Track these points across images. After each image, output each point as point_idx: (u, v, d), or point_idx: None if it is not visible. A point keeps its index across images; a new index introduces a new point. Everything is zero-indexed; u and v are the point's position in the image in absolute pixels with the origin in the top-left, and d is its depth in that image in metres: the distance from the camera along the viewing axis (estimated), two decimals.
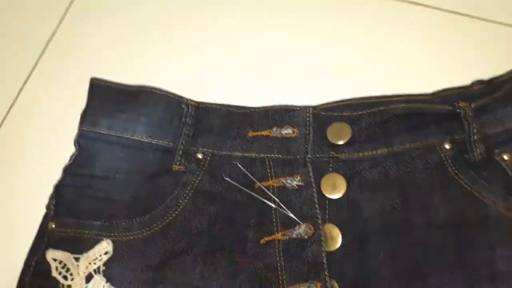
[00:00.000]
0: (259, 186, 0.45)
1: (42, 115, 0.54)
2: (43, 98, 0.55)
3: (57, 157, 0.48)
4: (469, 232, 0.41)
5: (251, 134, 0.47)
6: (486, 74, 0.48)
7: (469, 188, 0.42)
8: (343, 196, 0.44)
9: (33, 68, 0.57)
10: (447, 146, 0.44)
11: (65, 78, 0.56)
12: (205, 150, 0.47)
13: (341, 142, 0.46)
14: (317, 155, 0.46)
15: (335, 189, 0.44)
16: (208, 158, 0.47)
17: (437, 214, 0.42)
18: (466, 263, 0.40)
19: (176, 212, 0.44)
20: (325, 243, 0.42)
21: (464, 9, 0.55)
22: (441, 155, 0.44)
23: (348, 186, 0.44)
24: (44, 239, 0.44)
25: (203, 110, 0.49)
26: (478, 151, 0.43)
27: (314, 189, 0.44)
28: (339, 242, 0.42)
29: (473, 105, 0.44)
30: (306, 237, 0.42)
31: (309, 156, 0.45)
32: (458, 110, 0.44)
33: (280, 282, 0.41)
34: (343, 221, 0.43)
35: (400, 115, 0.46)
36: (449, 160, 0.43)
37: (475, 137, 0.43)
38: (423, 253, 0.41)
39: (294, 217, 0.42)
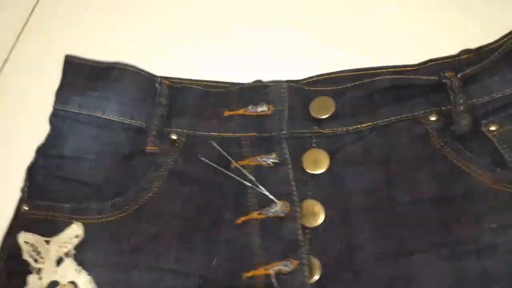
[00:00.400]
0: (235, 165, 0.43)
1: (22, 94, 0.53)
2: (22, 78, 0.54)
3: (37, 137, 0.46)
4: (455, 207, 0.39)
5: (226, 113, 0.46)
6: (475, 42, 0.46)
7: (455, 161, 0.40)
8: (326, 171, 0.42)
9: (12, 47, 0.56)
10: (432, 118, 0.42)
11: (45, 56, 0.54)
12: (180, 130, 0.45)
13: (324, 117, 0.44)
14: (300, 131, 0.44)
15: (317, 164, 0.43)
16: (183, 139, 0.45)
17: (423, 189, 0.40)
18: (452, 238, 0.38)
19: (150, 194, 0.42)
20: (306, 219, 0.40)
21: None
22: (427, 127, 0.42)
23: (331, 161, 0.42)
24: (17, 222, 0.43)
25: (177, 90, 0.47)
26: (465, 122, 0.41)
27: (290, 166, 0.42)
28: (321, 218, 0.40)
29: (459, 75, 0.42)
30: (282, 215, 0.40)
31: (284, 132, 0.44)
32: (444, 81, 0.42)
33: (257, 261, 0.39)
34: (327, 196, 0.41)
35: (385, 87, 0.44)
36: (434, 133, 0.41)
37: (461, 107, 0.41)
38: (409, 229, 0.39)
39: (270, 196, 0.41)
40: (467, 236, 0.38)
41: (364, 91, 0.44)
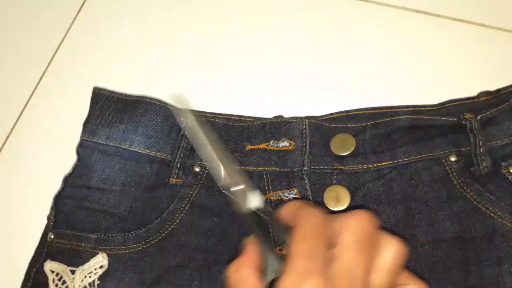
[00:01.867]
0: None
1: (49, 125, 0.54)
2: (51, 108, 0.55)
3: (63, 166, 0.48)
4: (476, 248, 0.39)
5: (248, 147, 0.47)
6: (494, 85, 0.47)
7: (475, 202, 0.40)
8: (347, 209, 0.43)
9: (41, 76, 0.57)
10: (452, 159, 0.42)
11: (73, 87, 0.56)
12: (203, 163, 0.46)
13: (345, 154, 0.45)
14: (321, 167, 0.45)
15: (338, 201, 0.43)
16: (206, 171, 0.46)
17: (443, 230, 0.40)
18: (473, 280, 0.38)
19: (172, 226, 0.43)
20: None
21: (473, 17, 0.53)
22: (447, 167, 0.42)
23: (351, 199, 0.43)
24: (44, 250, 0.44)
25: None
26: (484, 164, 0.41)
27: (311, 202, 0.43)
28: None
29: (479, 117, 0.43)
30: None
31: (305, 168, 0.45)
32: (464, 122, 0.43)
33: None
34: None
35: (405, 126, 0.45)
36: (454, 173, 0.42)
37: (481, 149, 0.42)
38: (429, 270, 0.39)
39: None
40: (488, 278, 0.38)
41: (384, 129, 0.45)
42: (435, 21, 0.54)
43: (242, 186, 0.39)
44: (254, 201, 0.40)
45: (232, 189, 0.39)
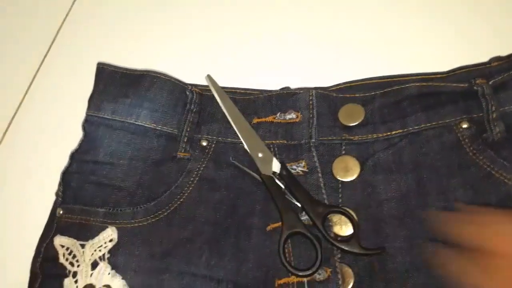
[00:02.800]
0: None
1: (55, 102, 0.54)
2: (56, 83, 0.55)
3: (70, 142, 0.47)
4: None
5: (255, 120, 0.46)
6: (506, 50, 0.45)
7: (488, 169, 0.40)
8: (357, 178, 0.42)
9: (46, 54, 0.57)
10: (464, 126, 0.42)
11: (77, 63, 0.56)
12: (210, 137, 0.46)
13: (353, 124, 0.44)
14: (329, 138, 0.44)
15: (347, 171, 0.43)
16: (213, 145, 0.45)
17: (456, 197, 0.40)
18: None
19: (181, 200, 0.43)
20: (338, 227, 0.40)
21: None
22: (458, 135, 0.42)
23: (361, 169, 0.42)
24: (53, 225, 0.44)
25: (207, 97, 0.48)
26: (497, 129, 0.41)
27: (320, 174, 0.42)
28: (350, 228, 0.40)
29: (491, 82, 0.42)
30: (311, 223, 0.40)
31: (313, 140, 0.44)
32: (475, 88, 0.42)
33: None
34: (358, 204, 0.41)
35: (415, 94, 0.44)
36: (466, 140, 0.41)
37: (494, 115, 0.41)
38: (443, 239, 0.39)
39: (299, 204, 0.41)
40: None
41: (393, 98, 0.44)
42: None
43: (265, 152, 0.42)
44: (276, 166, 0.40)
45: (260, 155, 0.42)
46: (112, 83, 0.49)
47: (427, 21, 0.52)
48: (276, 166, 0.43)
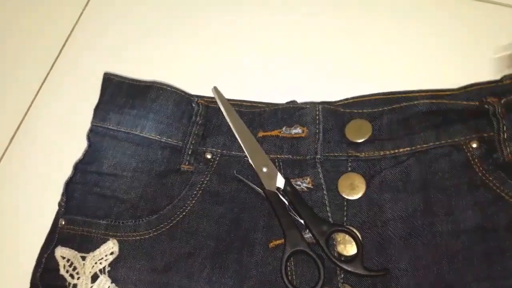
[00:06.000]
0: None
1: (61, 110, 0.54)
2: (62, 93, 0.55)
3: (75, 152, 0.47)
4: (498, 238, 0.37)
5: (261, 134, 0.45)
6: None
7: (498, 190, 0.39)
8: (362, 197, 0.41)
9: (53, 63, 0.57)
10: (474, 145, 0.41)
11: (84, 72, 0.56)
12: (214, 150, 0.45)
13: (360, 140, 0.44)
14: (335, 154, 0.43)
15: (353, 189, 0.42)
16: (217, 158, 0.45)
17: (464, 219, 0.39)
18: (495, 271, 0.37)
19: (184, 213, 0.43)
20: (342, 247, 0.39)
21: None
22: (468, 154, 0.41)
23: (367, 186, 0.42)
24: (55, 236, 0.44)
25: (213, 109, 0.47)
26: (509, 150, 0.39)
27: (325, 191, 0.42)
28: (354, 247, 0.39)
29: (502, 101, 0.41)
30: (314, 242, 0.39)
31: (318, 156, 0.43)
32: (486, 106, 0.41)
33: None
34: (363, 223, 0.40)
35: (424, 111, 0.43)
36: (476, 160, 0.40)
37: (505, 135, 0.40)
38: (448, 261, 0.38)
39: (302, 222, 0.40)
40: (510, 270, 0.36)
41: (401, 115, 0.44)
42: (456, 1, 0.52)
43: (270, 167, 0.42)
44: (280, 181, 0.40)
45: (264, 169, 0.42)
46: (119, 93, 0.48)
47: (438, 36, 0.51)
48: (280, 181, 0.42)
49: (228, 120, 0.46)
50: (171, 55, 0.55)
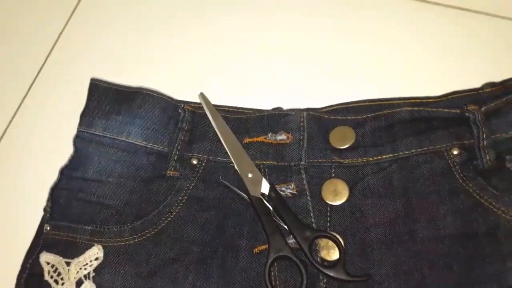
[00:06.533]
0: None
1: (48, 116, 0.54)
2: (49, 99, 0.55)
3: (61, 157, 0.47)
4: (478, 244, 0.38)
5: (246, 140, 0.46)
6: (499, 77, 0.45)
7: (478, 197, 0.39)
8: (345, 202, 0.42)
9: (41, 68, 0.57)
10: (455, 152, 0.41)
11: (71, 78, 0.56)
12: (200, 156, 0.45)
13: (344, 147, 0.44)
14: (319, 160, 0.44)
15: (336, 195, 0.42)
16: (203, 164, 0.45)
17: (444, 225, 0.39)
18: (475, 277, 0.37)
19: (169, 219, 0.43)
20: (324, 252, 0.40)
21: (477, 6, 0.52)
22: (449, 161, 0.41)
23: (350, 193, 0.42)
24: (40, 241, 0.44)
25: (199, 115, 0.47)
26: (488, 157, 0.40)
27: (309, 198, 0.42)
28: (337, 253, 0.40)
29: (483, 109, 0.42)
30: (298, 247, 0.40)
31: (303, 162, 0.44)
32: (467, 114, 0.42)
33: None
34: (345, 228, 0.41)
35: (406, 119, 0.44)
36: (457, 167, 0.41)
37: (485, 142, 0.41)
38: (429, 267, 0.38)
39: (286, 227, 0.41)
40: (490, 275, 0.37)
41: (384, 122, 0.44)
42: (437, 10, 0.53)
43: (255, 173, 0.43)
44: (265, 187, 0.40)
45: (249, 175, 0.42)
46: (105, 99, 0.48)
47: (420, 44, 0.51)
48: (265, 187, 0.43)
49: (214, 126, 0.46)
50: (158, 60, 0.55)
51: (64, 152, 0.47)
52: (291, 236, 0.41)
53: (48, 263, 0.42)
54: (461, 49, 0.50)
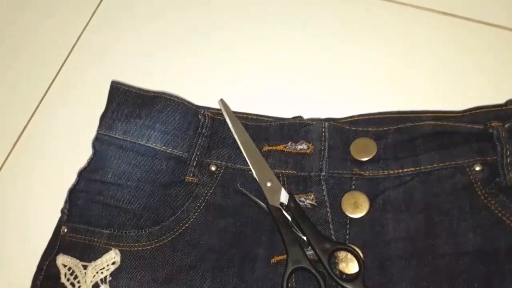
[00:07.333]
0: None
1: (66, 117, 0.54)
2: (68, 100, 0.55)
3: (79, 159, 0.47)
4: (498, 261, 0.38)
5: (266, 148, 0.46)
6: None
7: (499, 214, 0.39)
8: (365, 215, 0.42)
9: (60, 68, 0.57)
10: (477, 168, 0.41)
11: (90, 80, 0.56)
12: (219, 162, 0.45)
13: (365, 159, 0.44)
14: (339, 171, 0.44)
15: (357, 208, 0.42)
16: (222, 170, 0.45)
17: (465, 241, 0.39)
18: None
19: (186, 225, 0.43)
20: (343, 265, 0.40)
21: (503, 21, 0.51)
22: (471, 177, 0.41)
23: (371, 206, 0.42)
24: (57, 243, 0.44)
25: (219, 121, 0.47)
26: (511, 174, 0.40)
27: (328, 209, 0.42)
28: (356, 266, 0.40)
29: (506, 125, 0.41)
30: (316, 259, 0.40)
31: (323, 173, 0.43)
32: (490, 130, 0.41)
33: None
34: (365, 242, 0.41)
35: (429, 133, 0.43)
36: (479, 183, 0.40)
37: (508, 159, 0.40)
38: (449, 283, 0.38)
39: (305, 238, 0.40)
40: None
41: (407, 135, 0.44)
42: (462, 24, 0.53)
43: (274, 182, 0.43)
44: (284, 197, 0.40)
45: (268, 184, 0.42)
46: (126, 102, 0.48)
47: (444, 57, 0.51)
48: (284, 197, 0.43)
49: (233, 132, 0.46)
50: (178, 65, 0.55)
51: (83, 154, 0.47)
52: (309, 247, 0.40)
53: (65, 266, 0.42)
54: (485, 64, 0.50)
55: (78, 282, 0.41)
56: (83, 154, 0.48)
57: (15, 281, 0.45)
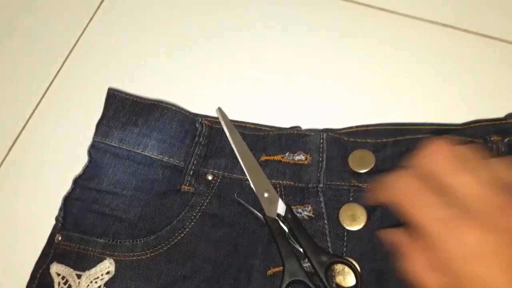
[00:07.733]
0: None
1: (62, 124, 0.53)
2: (63, 107, 0.55)
3: (74, 167, 0.47)
4: None
5: (263, 158, 0.45)
6: None
7: None
8: (363, 228, 0.41)
9: (56, 74, 0.57)
10: None
11: (86, 87, 0.55)
12: (216, 172, 0.45)
13: (363, 171, 0.44)
14: (337, 183, 0.43)
15: (354, 220, 0.42)
16: (218, 180, 0.45)
17: None
18: None
19: (182, 235, 0.42)
20: (340, 277, 0.39)
21: (503, 35, 0.51)
22: None
23: (368, 218, 0.42)
24: (50, 251, 0.43)
25: (216, 130, 0.47)
26: None
27: (326, 221, 0.42)
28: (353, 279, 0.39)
29: (506, 140, 0.41)
30: (313, 271, 0.39)
31: (321, 185, 0.43)
32: (489, 144, 0.41)
33: None
34: (362, 255, 0.40)
35: None
36: None
37: None
38: None
39: (301, 250, 0.40)
40: None
41: (405, 147, 0.44)
42: (463, 37, 0.52)
43: (271, 192, 0.42)
44: (281, 208, 0.40)
45: (265, 194, 0.42)
46: (122, 110, 0.48)
47: (443, 70, 0.51)
48: (281, 208, 0.42)
49: (231, 142, 0.46)
50: (176, 74, 0.55)
51: (78, 161, 0.47)
52: (306, 259, 0.40)
53: (58, 275, 0.41)
54: (486, 77, 0.50)
55: None
56: (79, 161, 0.47)
57: None
